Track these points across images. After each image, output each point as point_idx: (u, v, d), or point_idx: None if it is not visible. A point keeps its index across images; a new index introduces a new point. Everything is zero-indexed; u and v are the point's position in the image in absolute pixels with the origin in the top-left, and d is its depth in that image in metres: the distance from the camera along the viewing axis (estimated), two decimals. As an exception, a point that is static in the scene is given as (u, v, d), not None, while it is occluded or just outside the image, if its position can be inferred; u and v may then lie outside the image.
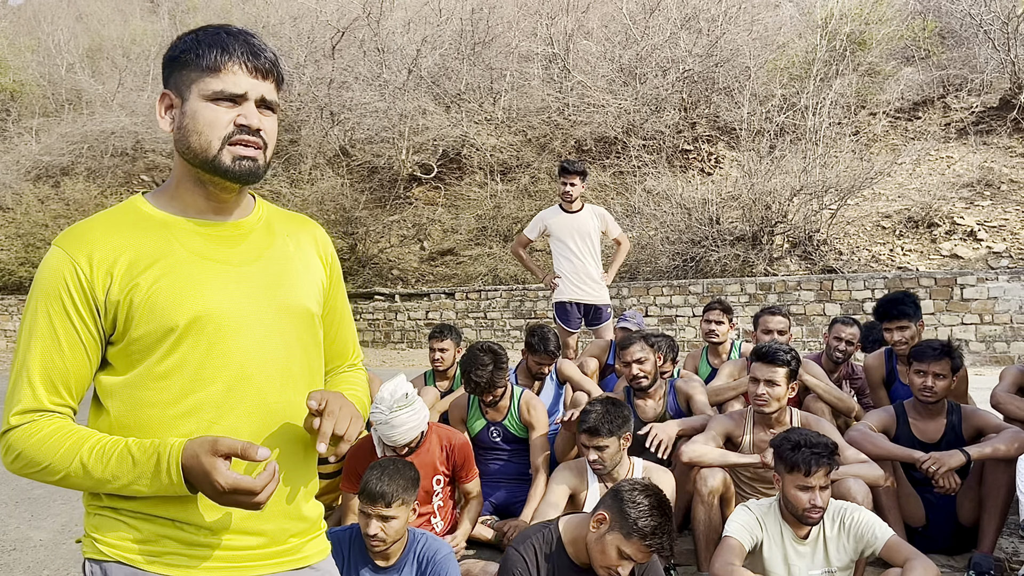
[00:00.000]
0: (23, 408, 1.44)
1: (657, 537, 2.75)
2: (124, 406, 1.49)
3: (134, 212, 1.54)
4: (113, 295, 1.45)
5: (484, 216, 16.92)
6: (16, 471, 1.46)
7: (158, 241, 1.50)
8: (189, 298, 1.48)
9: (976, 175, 14.03)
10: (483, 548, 4.25)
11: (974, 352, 10.52)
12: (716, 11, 17.18)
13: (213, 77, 1.48)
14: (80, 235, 1.49)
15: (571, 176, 6.57)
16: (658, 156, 16.08)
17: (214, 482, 1.35)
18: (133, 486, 1.41)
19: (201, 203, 1.56)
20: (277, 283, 1.59)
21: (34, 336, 1.46)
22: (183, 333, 1.47)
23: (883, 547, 3.09)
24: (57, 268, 1.46)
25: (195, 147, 1.49)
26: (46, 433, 1.43)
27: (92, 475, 1.41)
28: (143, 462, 1.40)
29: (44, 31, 27.29)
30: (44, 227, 19.27)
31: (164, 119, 1.55)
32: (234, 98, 1.48)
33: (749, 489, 3.95)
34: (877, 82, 17.07)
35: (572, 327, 6.73)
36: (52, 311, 1.45)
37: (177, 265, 1.49)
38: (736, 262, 13.35)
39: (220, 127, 1.48)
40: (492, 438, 4.61)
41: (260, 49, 1.52)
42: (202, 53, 1.49)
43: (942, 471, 3.65)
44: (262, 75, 1.51)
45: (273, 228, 1.66)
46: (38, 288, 1.47)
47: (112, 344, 1.50)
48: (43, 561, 4.51)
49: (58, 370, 1.46)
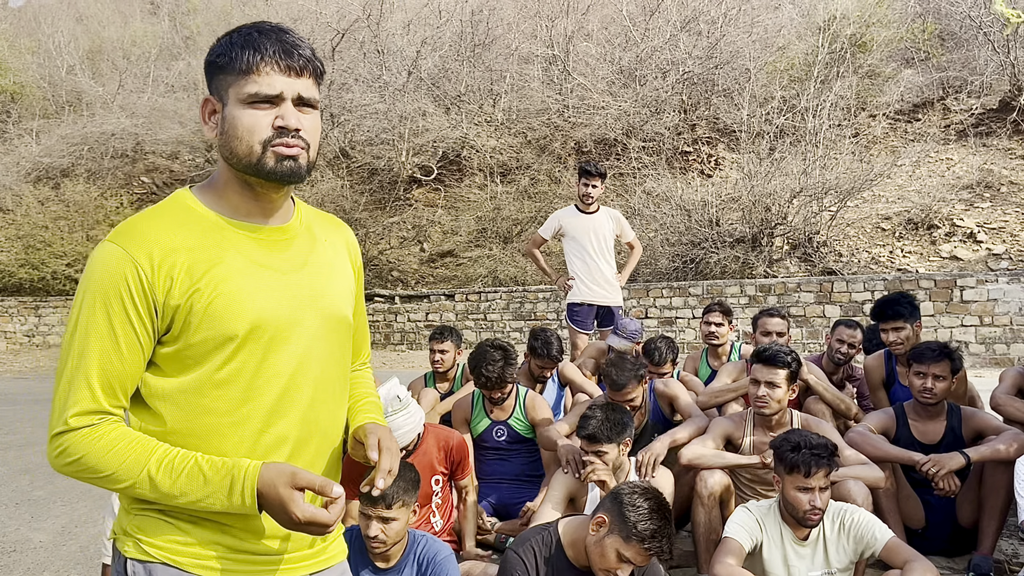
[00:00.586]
0: (83, 409, 1.40)
1: (657, 540, 2.75)
2: (180, 412, 1.46)
3: (187, 211, 1.51)
4: (174, 298, 1.42)
5: (484, 218, 16.93)
6: (68, 473, 1.43)
7: (214, 245, 1.47)
8: (247, 306, 1.46)
9: (976, 177, 14.04)
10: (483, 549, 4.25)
11: (974, 354, 10.52)
12: (716, 13, 17.20)
13: (247, 80, 1.45)
14: (139, 233, 1.45)
15: (593, 178, 6.60)
16: (658, 158, 16.08)
17: (291, 513, 1.37)
18: (202, 503, 1.40)
19: (250, 205, 1.54)
20: (322, 291, 1.59)
21: (91, 335, 1.41)
22: (242, 341, 1.46)
23: (883, 549, 3.10)
24: (117, 267, 1.41)
25: (238, 152, 1.47)
26: (111, 440, 1.40)
27: (160, 489, 1.39)
28: (215, 481, 1.39)
29: (44, 33, 27.33)
30: (44, 229, 19.27)
31: (208, 125, 1.53)
32: (271, 99, 1.45)
33: (749, 490, 3.95)
34: (877, 84, 17.09)
35: (585, 329, 6.74)
36: (112, 311, 1.40)
37: (234, 271, 1.47)
38: (736, 264, 13.35)
39: (260, 131, 1.45)
40: (496, 438, 4.62)
41: (293, 46, 1.48)
42: (235, 56, 1.46)
43: (942, 473, 3.65)
44: (296, 72, 1.47)
45: (314, 232, 1.65)
46: (95, 285, 1.42)
47: (162, 345, 1.46)
48: (43, 563, 4.51)
49: (116, 372, 1.42)
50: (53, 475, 6.37)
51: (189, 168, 22.33)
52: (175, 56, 26.72)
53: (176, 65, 25.72)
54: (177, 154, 22.74)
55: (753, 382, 3.93)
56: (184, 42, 27.63)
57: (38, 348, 17.75)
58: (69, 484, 6.09)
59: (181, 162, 22.75)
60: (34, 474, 6.44)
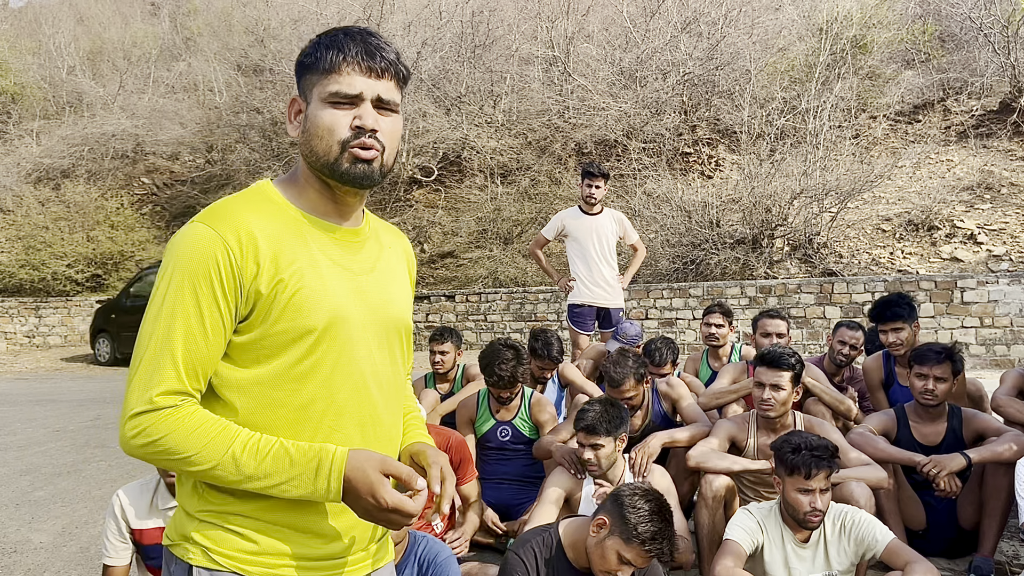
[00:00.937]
0: (168, 389, 1.38)
1: (657, 542, 2.74)
2: (255, 403, 1.45)
3: (271, 202, 1.51)
4: (259, 285, 1.42)
5: (484, 219, 16.93)
6: (142, 454, 1.39)
7: (296, 238, 1.48)
8: (326, 301, 1.47)
9: (976, 178, 14.04)
10: (483, 551, 4.26)
11: (974, 355, 10.52)
12: (716, 14, 17.20)
13: (330, 79, 1.47)
14: (227, 215, 1.44)
15: (596, 179, 6.60)
16: (658, 159, 16.09)
17: (379, 498, 1.37)
18: (283, 486, 1.39)
19: (328, 205, 1.55)
20: (389, 297, 1.61)
21: (178, 315, 1.39)
22: (321, 336, 1.46)
23: (884, 550, 3.10)
24: (207, 247, 1.40)
25: (317, 151, 1.48)
26: (196, 421, 1.38)
27: (243, 470, 1.37)
28: (301, 463, 1.38)
29: (45, 34, 27.37)
30: (44, 229, 19.28)
31: (292, 124, 1.55)
32: (351, 99, 1.47)
33: (751, 492, 3.95)
34: (877, 85, 17.09)
35: (585, 330, 6.74)
36: (200, 292, 1.39)
37: (314, 266, 1.48)
38: (736, 265, 13.35)
39: (339, 130, 1.46)
40: (501, 438, 4.63)
41: (377, 48, 1.49)
42: (320, 56, 1.48)
43: (943, 474, 3.65)
44: (377, 74, 1.48)
45: (380, 239, 1.67)
46: (183, 264, 1.40)
47: (237, 333, 1.45)
48: (43, 564, 4.51)
49: (200, 354, 1.40)
50: (53, 476, 6.37)
51: (190, 169, 22.34)
52: (175, 57, 26.75)
53: (177, 66, 25.75)
54: (177, 155, 22.76)
55: (757, 385, 3.93)
56: (184, 43, 27.66)
57: (38, 349, 17.76)
58: (70, 485, 6.09)
59: (182, 163, 22.77)
60: (34, 475, 6.44)
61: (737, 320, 11.04)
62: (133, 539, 3.12)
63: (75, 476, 6.36)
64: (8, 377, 14.24)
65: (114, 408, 9.67)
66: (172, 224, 21.13)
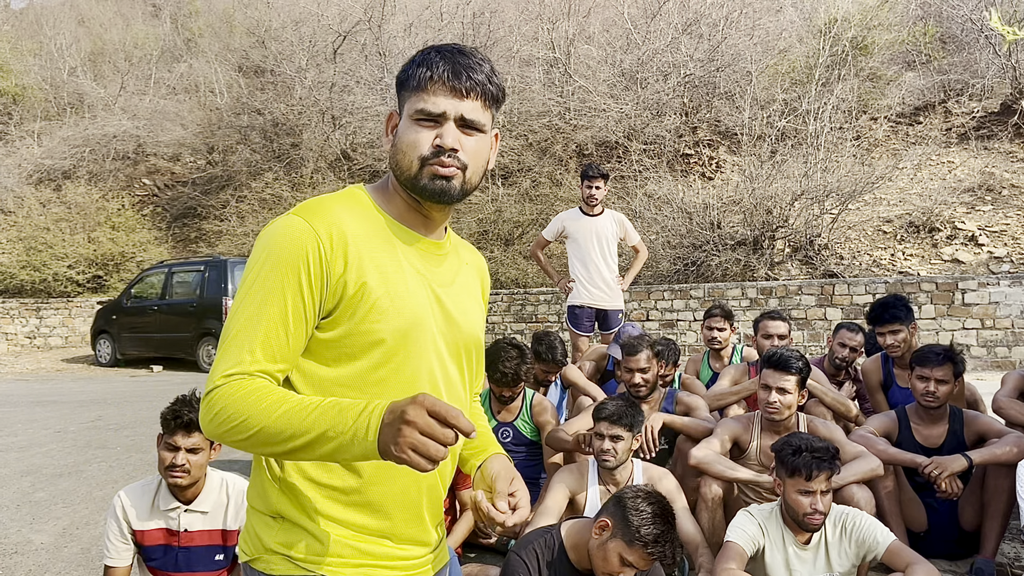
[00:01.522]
0: (239, 371, 1.39)
1: (660, 545, 2.74)
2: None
3: (362, 204, 1.55)
4: (346, 282, 1.43)
5: (485, 220, 16.93)
6: (213, 431, 1.38)
7: (384, 242, 1.51)
8: (409, 307, 1.49)
9: (977, 180, 14.03)
10: (485, 552, 4.25)
11: (975, 357, 10.51)
12: (717, 16, 17.20)
13: (418, 97, 1.50)
14: (322, 211, 1.47)
15: (595, 180, 6.59)
16: (659, 160, 16.09)
17: (408, 411, 1.22)
18: (325, 436, 1.29)
19: (414, 216, 1.58)
20: (464, 311, 1.63)
21: (263, 304, 1.41)
22: (401, 341, 1.48)
23: (885, 552, 3.10)
24: (300, 238, 1.42)
25: (402, 165, 1.51)
26: (252, 387, 1.37)
27: (290, 425, 1.31)
28: (349, 410, 1.30)
29: (46, 35, 27.40)
30: (46, 230, 19.28)
31: (387, 138, 1.59)
32: (435, 118, 1.49)
33: (752, 493, 3.95)
34: (878, 87, 17.09)
35: (584, 331, 6.74)
36: (287, 282, 1.41)
37: (399, 271, 1.50)
38: (737, 266, 13.35)
39: (421, 147, 1.49)
40: (502, 439, 4.63)
41: (465, 67, 1.50)
42: (412, 73, 1.52)
43: (944, 476, 3.65)
44: (462, 94, 1.49)
45: (460, 255, 1.70)
46: (275, 253, 1.43)
47: (320, 330, 1.46)
48: (44, 565, 4.51)
49: (280, 343, 1.41)
50: (54, 477, 6.37)
51: (191, 170, 22.35)
52: (177, 58, 26.77)
53: (178, 67, 25.77)
54: (178, 156, 22.77)
55: (763, 387, 3.93)
56: (186, 44, 27.68)
57: (39, 350, 17.75)
58: (70, 486, 6.09)
59: (182, 164, 22.78)
60: (35, 476, 6.44)
61: (738, 322, 11.04)
62: (134, 540, 3.12)
63: (76, 477, 6.36)
64: (9, 378, 14.24)
65: (115, 409, 9.67)
66: (173, 225, 21.13)
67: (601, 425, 3.71)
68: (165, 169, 22.77)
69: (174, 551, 3.10)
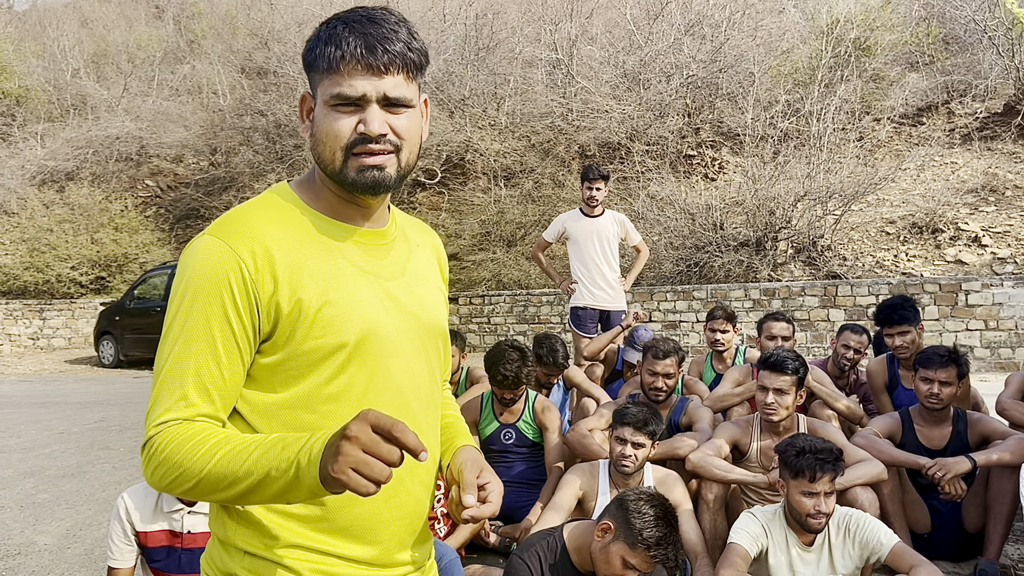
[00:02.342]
0: (173, 417, 1.26)
1: (662, 548, 2.73)
2: (283, 429, 1.33)
3: (287, 207, 1.39)
4: (279, 301, 1.30)
5: (488, 221, 16.93)
6: (157, 485, 1.27)
7: (318, 245, 1.37)
8: (356, 313, 1.35)
9: (980, 181, 14.02)
10: (487, 553, 4.25)
11: (979, 358, 10.50)
12: (720, 17, 17.20)
13: (331, 79, 1.33)
14: (241, 225, 1.32)
15: (596, 181, 6.57)
16: (662, 162, 16.08)
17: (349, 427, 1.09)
18: (269, 478, 1.17)
19: (347, 208, 1.43)
20: (420, 301, 1.48)
21: (188, 339, 1.28)
22: (353, 351, 1.34)
23: (888, 554, 3.09)
24: (219, 263, 1.28)
25: (324, 157, 1.36)
26: (188, 434, 1.24)
27: (231, 469, 1.19)
28: (292, 444, 1.18)
29: (49, 36, 27.45)
30: (49, 232, 19.31)
31: (304, 124, 1.42)
32: (353, 101, 1.32)
33: (755, 495, 3.94)
34: (881, 88, 17.08)
35: (587, 332, 6.73)
36: (211, 311, 1.28)
37: (340, 275, 1.36)
38: (740, 268, 13.34)
39: (342, 136, 1.33)
40: (504, 440, 4.63)
41: (380, 39, 1.32)
42: (320, 52, 1.34)
43: (948, 477, 3.64)
44: (380, 71, 1.31)
45: (408, 238, 1.55)
46: (194, 283, 1.29)
47: (260, 354, 1.33)
48: (47, 566, 4.52)
49: (214, 379, 1.28)
50: (58, 478, 6.38)
51: (193, 171, 22.38)
52: (179, 60, 26.79)
53: (181, 69, 25.79)
54: (181, 157, 22.79)
55: (761, 389, 3.93)
56: (188, 46, 27.70)
57: (42, 351, 17.78)
58: (74, 487, 6.09)
59: (185, 165, 22.80)
60: (38, 477, 6.45)
61: (741, 323, 11.03)
62: (138, 541, 3.12)
63: (79, 478, 6.37)
64: (12, 379, 14.26)
65: (118, 410, 9.68)
66: (176, 226, 21.16)
67: (625, 430, 3.66)
68: (168, 170, 22.80)
69: (177, 552, 3.10)
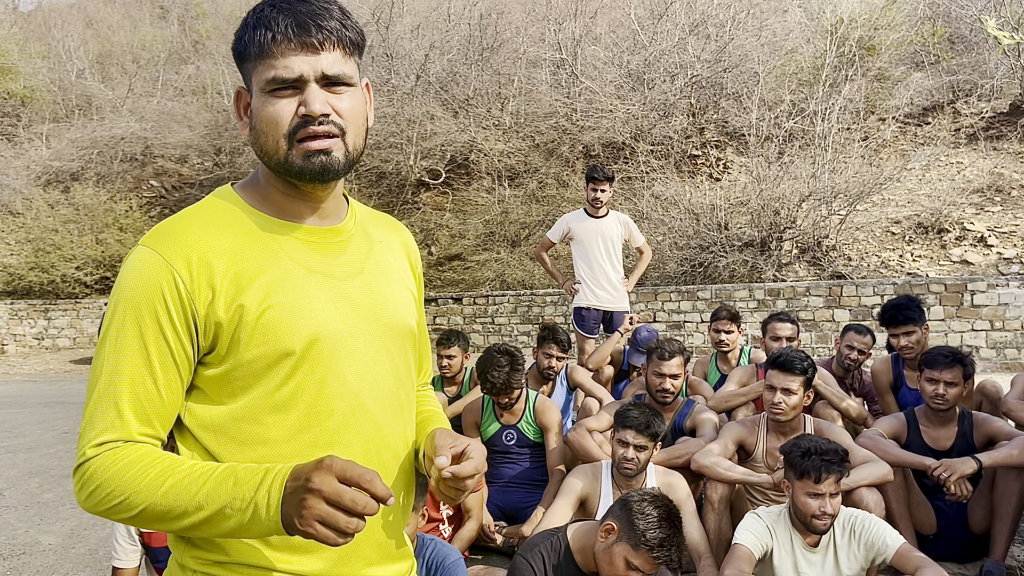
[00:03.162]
0: (108, 438, 1.21)
1: (665, 549, 2.72)
2: (233, 444, 1.28)
3: (229, 210, 1.33)
4: (217, 311, 1.24)
5: (492, 221, 16.93)
6: (92, 509, 1.21)
7: (262, 248, 1.30)
8: (303, 317, 1.28)
9: (986, 181, 13.98)
10: (491, 554, 4.25)
11: (985, 359, 10.46)
12: (724, 17, 17.17)
13: (264, 64, 1.26)
14: (175, 235, 1.26)
15: (600, 183, 6.57)
16: (666, 161, 16.06)
17: (312, 479, 1.08)
18: (222, 514, 1.14)
19: (296, 205, 1.36)
20: (381, 300, 1.41)
21: (121, 355, 1.22)
22: (300, 358, 1.27)
23: (894, 555, 3.08)
24: (151, 275, 1.23)
25: (267, 149, 1.29)
26: (131, 458, 1.19)
27: (179, 501, 1.15)
28: (246, 480, 1.15)
29: (54, 37, 27.49)
30: (54, 232, 19.34)
31: (242, 121, 1.36)
32: (291, 83, 1.26)
33: (760, 495, 3.93)
34: (886, 87, 17.03)
35: (591, 333, 6.73)
36: (144, 326, 1.22)
37: (286, 278, 1.29)
38: (744, 268, 13.31)
39: (283, 123, 1.26)
40: (506, 442, 4.62)
41: (311, 16, 1.26)
42: (249, 38, 1.28)
43: (954, 478, 3.62)
44: (315, 48, 1.25)
45: (369, 234, 1.47)
46: (126, 297, 1.23)
47: (205, 366, 1.28)
48: (52, 565, 4.52)
49: (150, 397, 1.23)
50: (62, 478, 6.38)
51: (198, 172, 22.41)
52: (184, 60, 26.83)
53: (185, 69, 25.83)
54: (186, 158, 22.82)
55: (768, 388, 3.92)
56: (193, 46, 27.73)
57: (47, 351, 17.81)
58: (78, 487, 6.10)
59: (190, 166, 22.83)
60: (43, 477, 6.45)
61: (745, 324, 11.00)
62: (142, 541, 3.12)
63: (84, 478, 6.37)
64: (18, 379, 14.29)
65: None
66: (180, 227, 21.16)
67: (627, 433, 3.64)
68: (172, 171, 22.82)
69: (181, 553, 3.10)
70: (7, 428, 8.65)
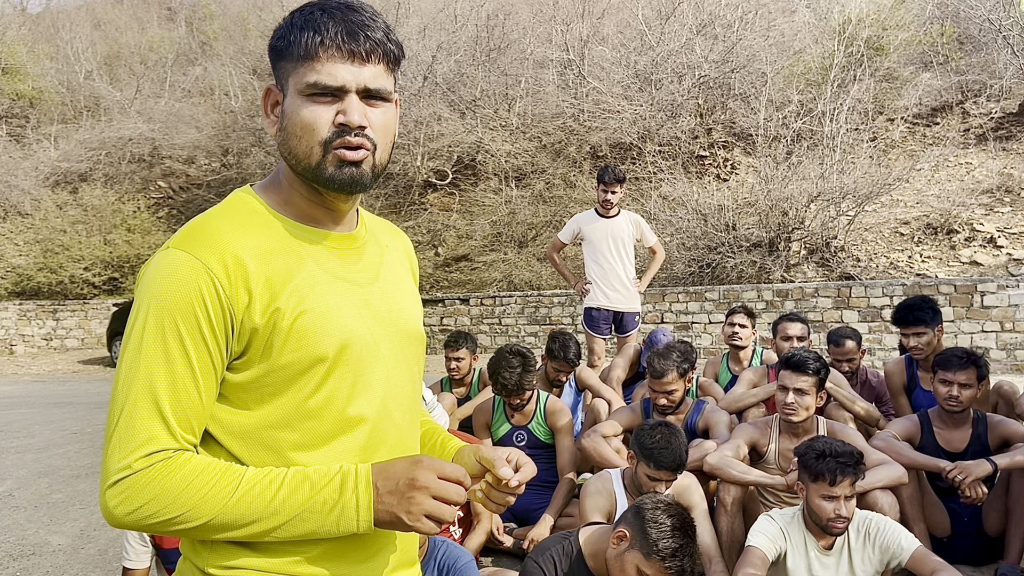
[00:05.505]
0: (154, 449, 1.16)
1: (678, 559, 2.64)
2: (262, 450, 1.25)
3: (254, 213, 1.30)
4: (254, 315, 1.22)
5: (499, 222, 16.92)
6: (134, 523, 1.17)
7: (289, 253, 1.28)
8: (333, 323, 1.27)
9: (996, 181, 13.92)
10: (502, 556, 4.23)
11: (995, 360, 10.41)
12: (732, 17, 17.13)
13: (307, 67, 1.24)
14: (208, 236, 1.23)
15: (611, 185, 6.54)
16: (674, 162, 16.03)
17: (418, 477, 1.18)
18: (299, 519, 1.18)
19: (317, 211, 1.34)
20: (397, 307, 1.41)
21: (161, 361, 1.19)
22: (333, 364, 1.26)
23: (909, 558, 3.06)
24: (188, 278, 1.19)
25: (297, 153, 1.27)
26: (190, 469, 1.17)
27: (253, 508, 1.16)
28: (321, 484, 1.18)
29: (63, 39, 27.61)
30: (62, 233, 19.41)
31: (269, 119, 1.34)
32: (333, 92, 1.24)
33: (773, 498, 3.91)
34: (895, 88, 16.98)
35: (601, 334, 6.70)
36: (184, 331, 1.19)
37: (314, 284, 1.28)
38: (753, 268, 13.28)
39: (320, 129, 1.25)
40: (517, 443, 4.61)
41: (361, 26, 1.25)
42: (294, 39, 1.25)
43: (968, 481, 3.60)
44: (362, 59, 1.25)
45: (379, 240, 1.47)
46: (161, 302, 1.19)
47: (233, 371, 1.25)
48: (62, 566, 4.52)
49: (192, 403, 1.20)
50: (72, 478, 6.39)
51: (205, 173, 22.46)
52: (192, 61, 26.90)
53: (193, 70, 25.90)
54: (194, 159, 22.88)
55: (781, 389, 3.89)
56: (201, 47, 27.82)
57: (56, 352, 17.87)
58: (88, 487, 6.10)
59: (198, 167, 22.89)
60: (53, 477, 6.46)
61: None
62: (153, 542, 3.11)
63: (94, 478, 6.38)
64: (26, 379, 14.33)
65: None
66: (188, 227, 21.22)
67: (662, 472, 3.45)
68: (180, 171, 22.89)
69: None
70: (16, 428, 8.67)
